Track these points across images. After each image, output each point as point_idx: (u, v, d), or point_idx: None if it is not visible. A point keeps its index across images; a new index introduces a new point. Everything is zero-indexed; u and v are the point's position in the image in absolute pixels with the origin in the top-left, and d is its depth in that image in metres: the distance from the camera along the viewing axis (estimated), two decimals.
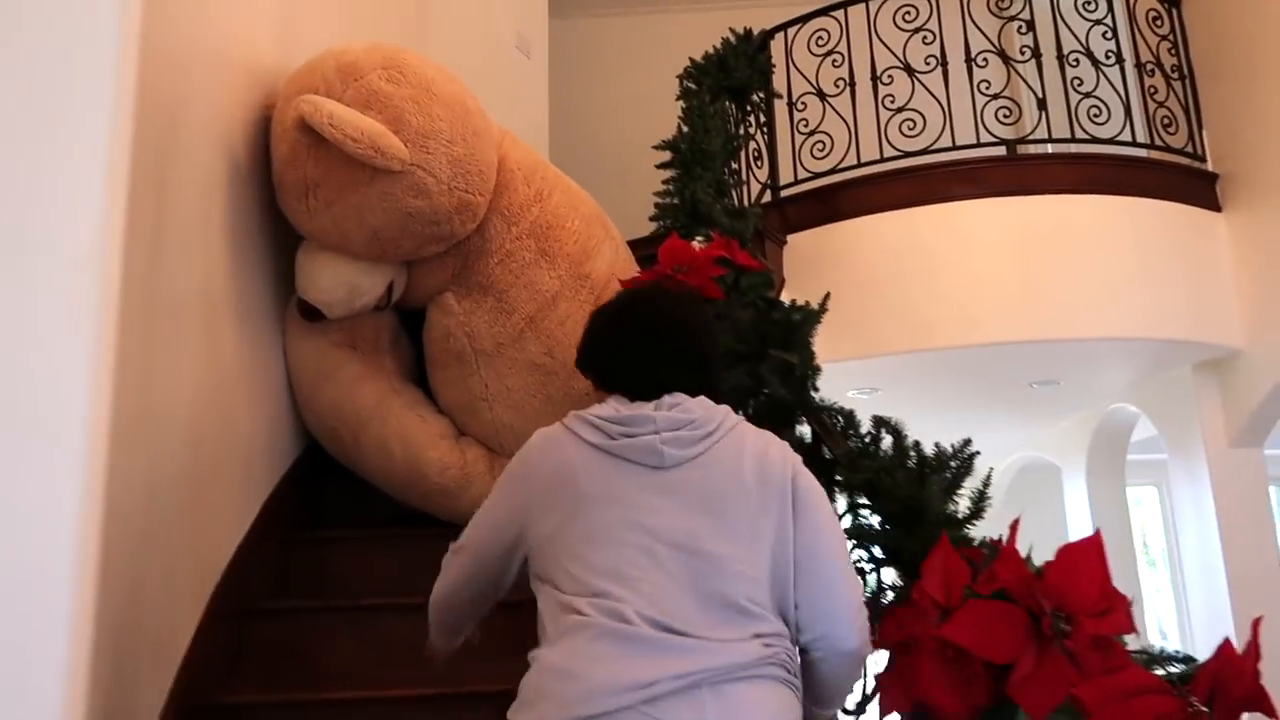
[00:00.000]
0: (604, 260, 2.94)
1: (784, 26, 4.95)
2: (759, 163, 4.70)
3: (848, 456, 2.03)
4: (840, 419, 2.18)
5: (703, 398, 1.54)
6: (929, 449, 2.12)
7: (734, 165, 4.08)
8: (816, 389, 2.31)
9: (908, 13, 4.71)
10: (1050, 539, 1.63)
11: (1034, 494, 7.07)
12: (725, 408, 1.56)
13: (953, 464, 1.98)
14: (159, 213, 2.06)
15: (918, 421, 6.30)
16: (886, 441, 2.11)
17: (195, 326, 2.32)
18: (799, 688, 1.41)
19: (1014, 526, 1.61)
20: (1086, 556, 1.40)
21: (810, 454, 2.18)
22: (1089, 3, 4.66)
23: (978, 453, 1.99)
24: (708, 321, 1.71)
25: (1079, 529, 6.34)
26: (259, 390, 2.72)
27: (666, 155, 3.65)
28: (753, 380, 2.27)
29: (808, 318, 2.34)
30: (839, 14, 4.83)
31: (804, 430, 2.23)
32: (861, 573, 1.88)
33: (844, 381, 4.74)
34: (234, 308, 2.56)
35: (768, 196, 4.72)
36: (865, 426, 2.20)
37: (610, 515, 1.42)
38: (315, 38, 3.18)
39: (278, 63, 2.87)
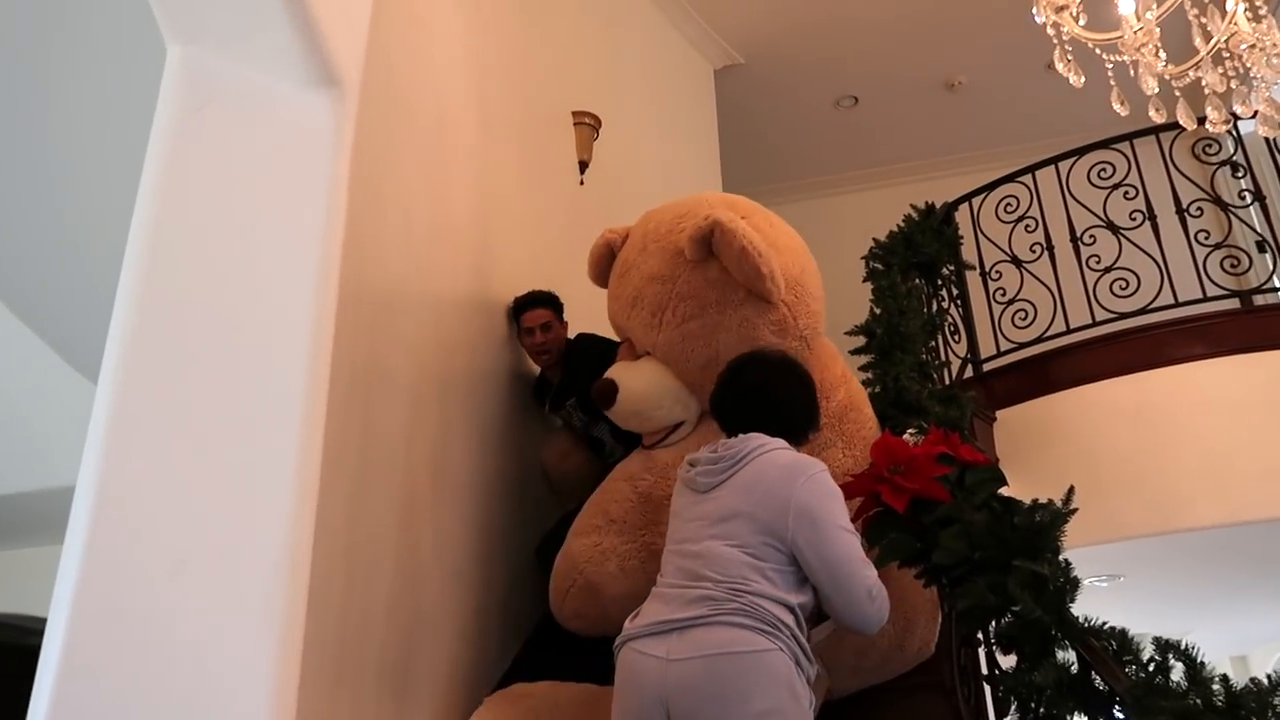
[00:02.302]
0: None
1: (968, 197, 4.79)
2: (956, 337, 4.44)
3: (1133, 693, 1.68)
4: (1113, 642, 1.84)
5: (754, 434, 2.07)
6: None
7: (932, 344, 3.86)
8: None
9: (1103, 169, 4.45)
10: None
11: None
12: (761, 441, 2.05)
13: (1275, 701, 1.60)
14: (362, 450, 2.07)
15: (1169, 608, 5.55)
16: (1177, 670, 1.75)
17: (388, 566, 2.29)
18: (770, 628, 1.83)
19: None
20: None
21: (1078, 686, 1.84)
22: None
23: None
24: (787, 379, 2.18)
25: None
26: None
27: (856, 338, 3.50)
28: (998, 596, 1.98)
29: (1055, 518, 2.05)
30: (1026, 178, 4.64)
31: (1067, 656, 1.89)
32: None
33: (1080, 569, 4.21)
34: (431, 545, 2.54)
35: (969, 371, 4.43)
36: (1144, 649, 1.85)
37: (674, 525, 2.09)
38: (507, 261, 3.30)
39: (473, 288, 2.97)
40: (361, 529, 1.98)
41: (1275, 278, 4.17)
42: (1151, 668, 1.76)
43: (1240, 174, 4.31)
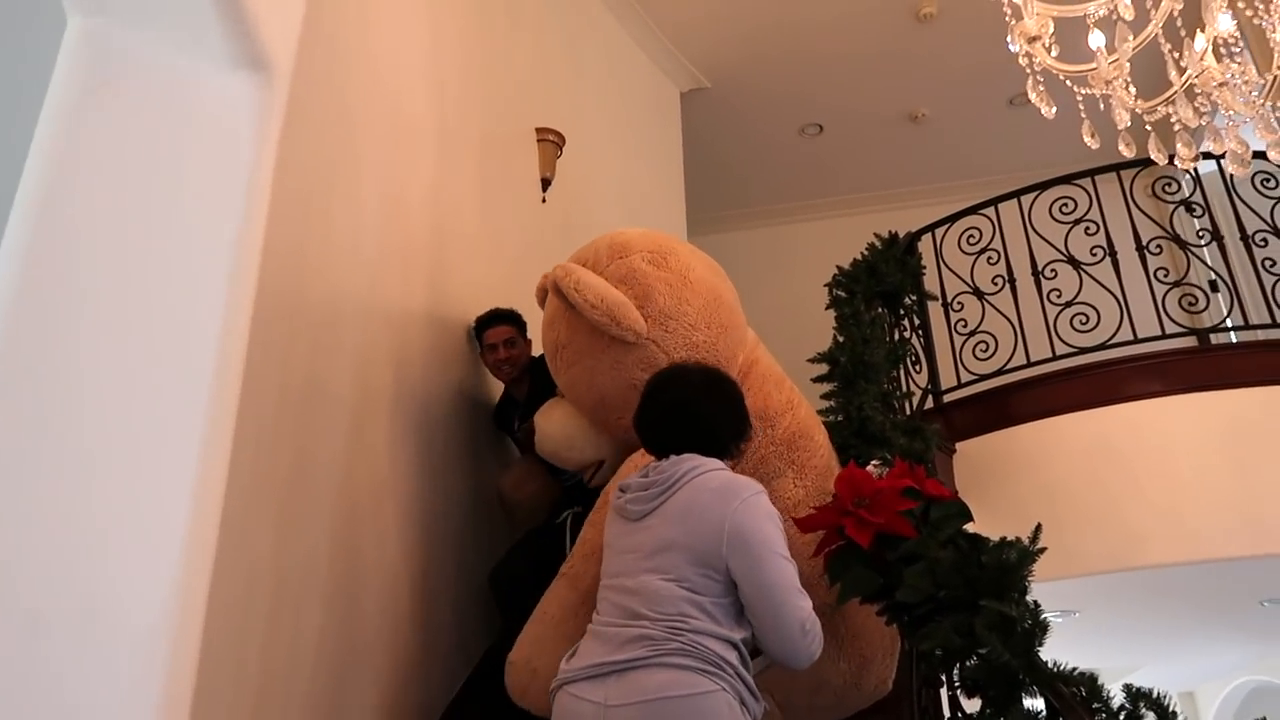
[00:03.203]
0: None
1: (931, 228, 4.79)
2: (917, 367, 4.41)
3: None
4: (1081, 689, 1.77)
5: (688, 456, 1.96)
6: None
7: (894, 374, 3.82)
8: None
9: (1065, 204, 4.48)
10: None
11: None
12: (695, 463, 1.94)
13: None
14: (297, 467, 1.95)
15: (1121, 644, 5.55)
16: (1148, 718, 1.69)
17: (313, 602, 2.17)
18: (712, 668, 1.75)
19: None
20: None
21: None
22: (1268, 180, 4.32)
23: None
24: (708, 394, 2.06)
25: None
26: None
27: (819, 366, 3.44)
28: (963, 638, 1.90)
29: (1022, 557, 1.98)
30: (989, 211, 4.65)
31: (1034, 704, 1.82)
32: None
33: None
34: (372, 573, 2.41)
35: (929, 402, 4.40)
36: (1114, 696, 1.79)
37: (608, 557, 1.98)
38: (463, 277, 3.20)
39: (428, 304, 2.86)
40: (292, 559, 1.85)
41: (1229, 318, 4.21)
42: (1122, 716, 1.70)
43: (1199, 214, 4.35)
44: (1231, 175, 4.17)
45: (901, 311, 4.40)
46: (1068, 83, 2.50)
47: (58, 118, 1.28)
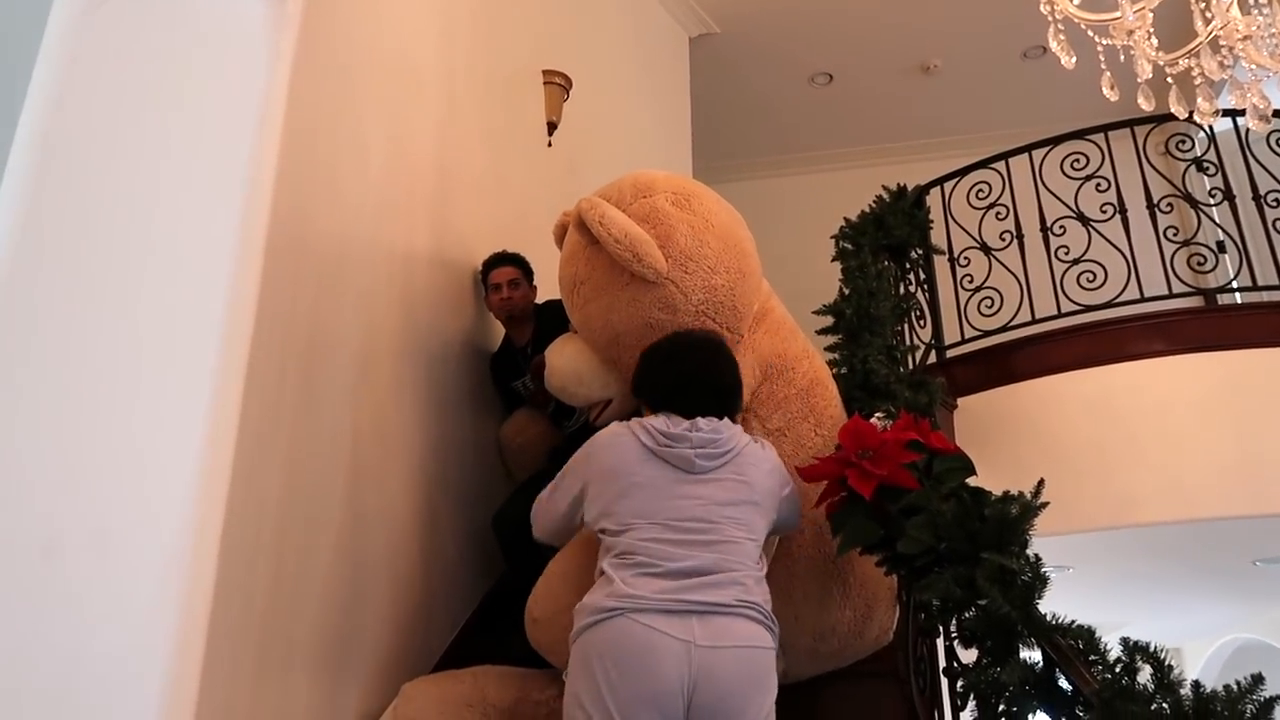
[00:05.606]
0: None
1: (940, 181, 4.73)
2: (921, 321, 4.39)
3: (1101, 697, 1.63)
4: (1079, 641, 1.79)
5: (726, 421, 2.13)
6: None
7: (899, 328, 3.80)
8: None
9: (1076, 160, 4.41)
10: None
11: None
12: (737, 429, 2.13)
13: (1246, 708, 1.55)
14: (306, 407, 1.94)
15: (1111, 600, 5.61)
16: (1144, 673, 1.71)
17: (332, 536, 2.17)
18: (773, 625, 1.92)
19: None
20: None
21: (1043, 686, 1.79)
22: None
23: (1278, 698, 1.56)
24: (731, 361, 2.24)
25: None
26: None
27: (824, 318, 3.42)
28: (963, 589, 1.92)
29: (1025, 511, 1.99)
30: (999, 165, 4.59)
31: (1031, 655, 1.84)
32: None
33: None
34: (375, 516, 2.42)
35: (932, 357, 4.38)
36: (1111, 649, 1.80)
37: (650, 496, 1.99)
38: (468, 221, 3.17)
39: (433, 245, 2.84)
40: (299, 501, 1.85)
41: (1237, 278, 4.18)
42: (1118, 669, 1.72)
43: (1212, 172, 4.30)
44: (1247, 133, 4.14)
45: (907, 265, 4.37)
46: (1089, 33, 2.44)
47: (60, 36, 1.20)
